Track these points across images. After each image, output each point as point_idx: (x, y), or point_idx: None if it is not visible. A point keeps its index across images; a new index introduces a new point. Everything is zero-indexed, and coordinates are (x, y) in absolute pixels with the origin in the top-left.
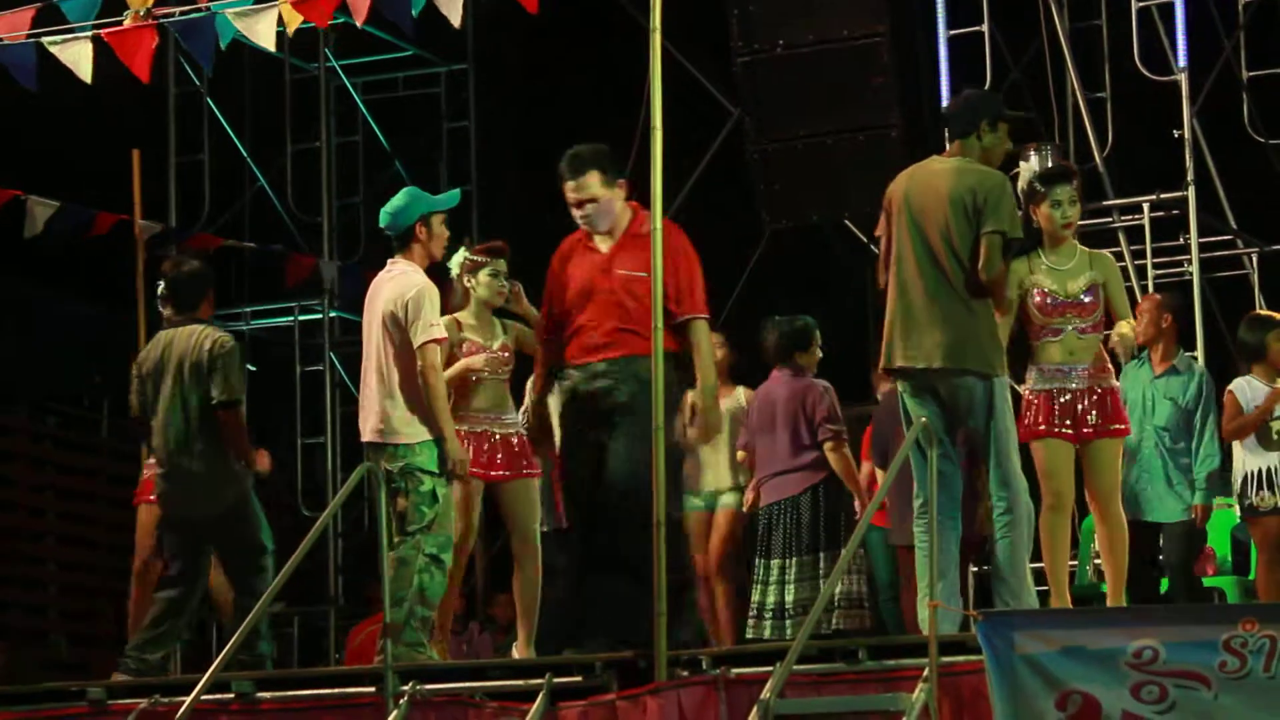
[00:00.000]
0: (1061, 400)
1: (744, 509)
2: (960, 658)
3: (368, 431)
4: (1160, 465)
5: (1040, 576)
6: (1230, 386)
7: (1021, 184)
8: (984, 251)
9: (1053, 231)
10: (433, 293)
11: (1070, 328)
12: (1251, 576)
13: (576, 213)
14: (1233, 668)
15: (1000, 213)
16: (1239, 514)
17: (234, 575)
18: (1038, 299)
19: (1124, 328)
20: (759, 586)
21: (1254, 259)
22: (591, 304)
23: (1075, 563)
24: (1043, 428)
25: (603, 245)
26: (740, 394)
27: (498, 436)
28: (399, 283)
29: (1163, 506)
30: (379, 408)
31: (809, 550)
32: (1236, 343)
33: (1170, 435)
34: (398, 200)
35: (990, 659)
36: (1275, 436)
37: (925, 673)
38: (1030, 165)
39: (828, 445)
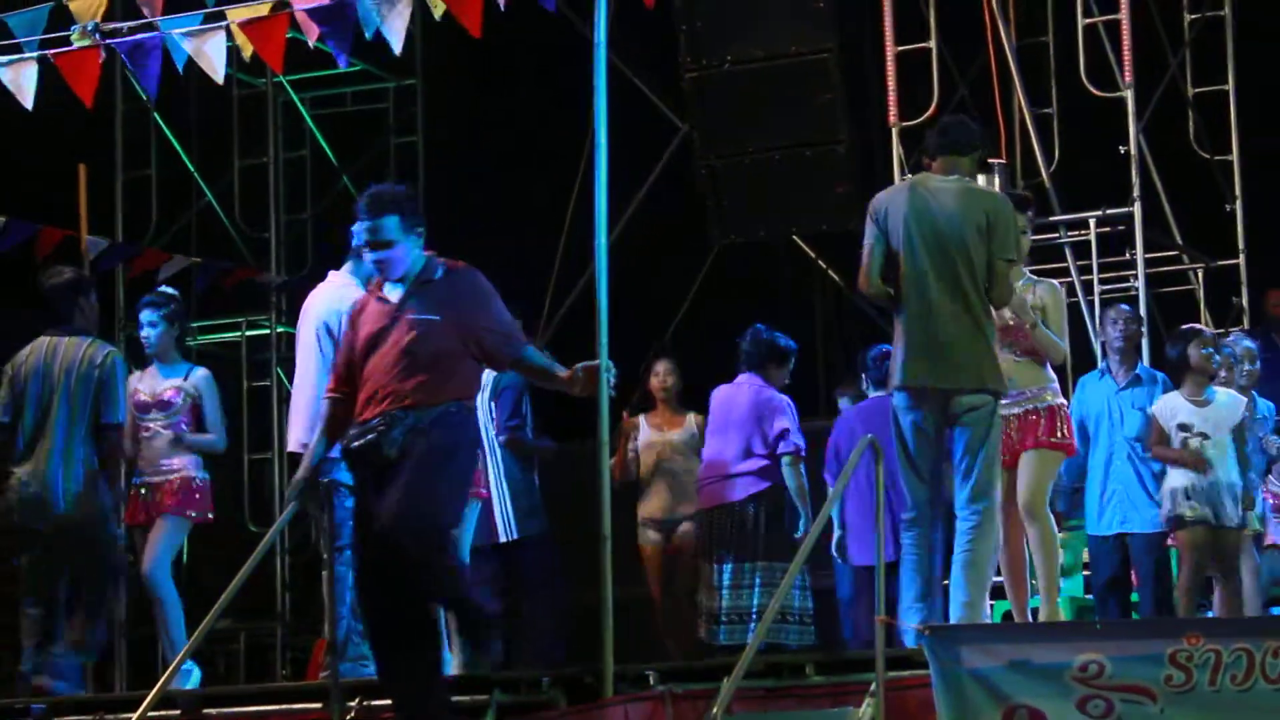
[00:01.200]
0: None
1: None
2: (907, 672)
3: (294, 443)
4: (1135, 476)
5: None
6: (1152, 409)
7: None
8: (998, 279)
9: None
10: None
11: (1006, 352)
12: None
13: (369, 255)
14: (1178, 681)
15: (1010, 239)
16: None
17: (87, 593)
18: None
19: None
20: (703, 589)
21: (1199, 274)
22: (377, 355)
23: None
24: None
25: (393, 294)
26: (692, 421)
27: None
28: (336, 294)
29: (1140, 516)
30: (305, 419)
31: (750, 558)
32: (1164, 360)
33: (1142, 445)
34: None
35: (936, 673)
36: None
37: (872, 687)
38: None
39: (787, 459)
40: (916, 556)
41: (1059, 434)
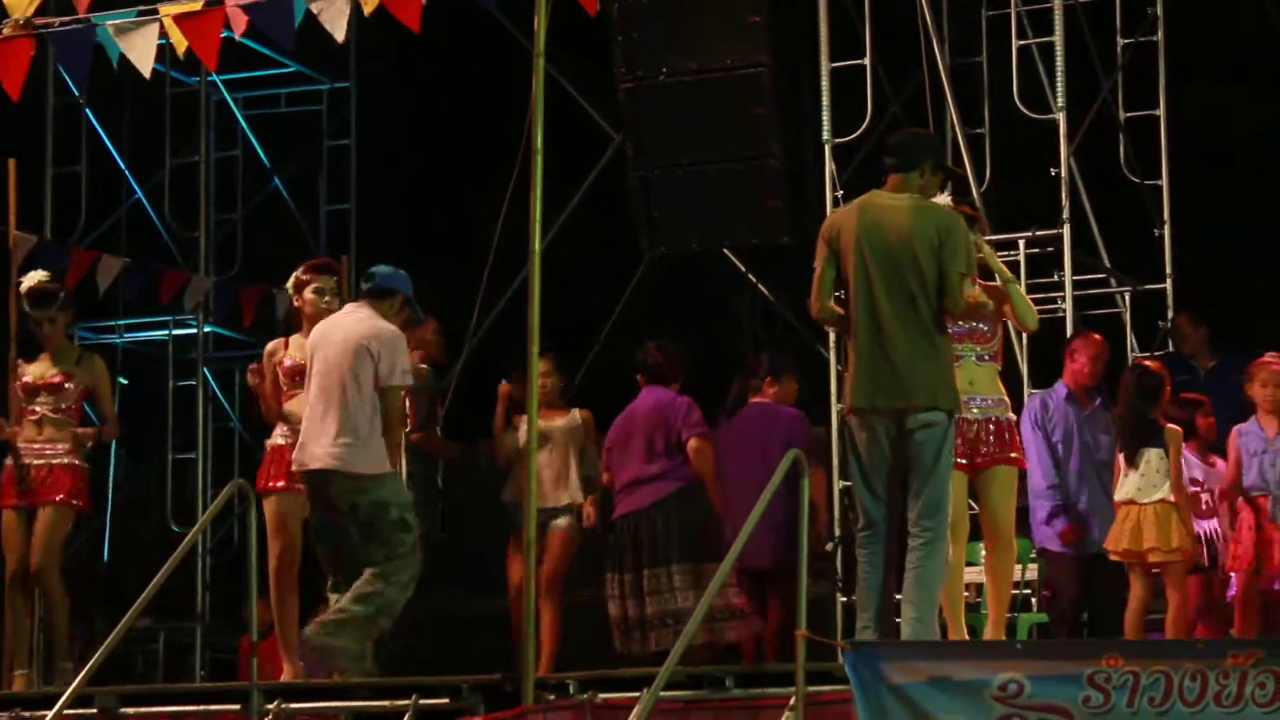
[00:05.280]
0: (959, 430)
1: (584, 523)
2: (827, 687)
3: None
4: (1106, 500)
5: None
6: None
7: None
8: (951, 289)
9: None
10: (404, 341)
11: (970, 355)
12: None
13: None
14: (1097, 703)
15: (962, 253)
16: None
17: None
18: None
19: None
20: (615, 601)
21: (1127, 298)
22: None
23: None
24: None
25: None
26: (576, 414)
27: None
28: (371, 324)
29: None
30: (335, 438)
31: (663, 562)
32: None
33: (1108, 467)
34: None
35: (857, 689)
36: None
37: (792, 701)
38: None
39: (693, 443)
40: (870, 573)
41: (1015, 448)
